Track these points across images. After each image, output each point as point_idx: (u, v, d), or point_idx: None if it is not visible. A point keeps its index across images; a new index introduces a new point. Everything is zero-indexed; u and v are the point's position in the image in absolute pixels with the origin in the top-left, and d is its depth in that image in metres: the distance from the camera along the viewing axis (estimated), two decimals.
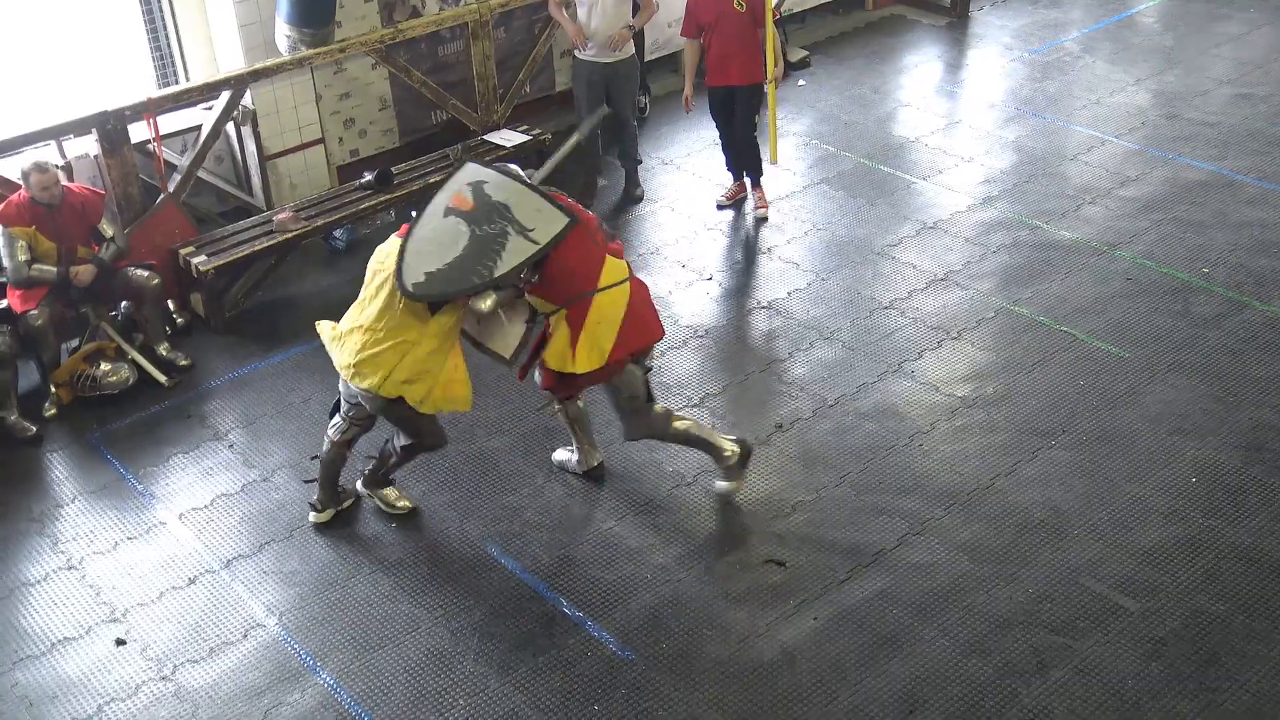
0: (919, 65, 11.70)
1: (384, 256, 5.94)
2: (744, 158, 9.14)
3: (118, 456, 7.08)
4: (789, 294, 8.26)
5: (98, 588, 6.20)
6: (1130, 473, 6.58)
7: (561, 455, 6.83)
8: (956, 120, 10.60)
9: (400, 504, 6.54)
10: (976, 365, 7.48)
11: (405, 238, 5.89)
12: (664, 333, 6.35)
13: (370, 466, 6.50)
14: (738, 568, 6.10)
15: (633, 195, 9.56)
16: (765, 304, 8.18)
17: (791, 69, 11.58)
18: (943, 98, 11.06)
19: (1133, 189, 9.35)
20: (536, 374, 6.34)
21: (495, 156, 9.21)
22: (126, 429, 7.31)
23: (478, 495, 6.64)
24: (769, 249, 8.79)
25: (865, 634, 5.71)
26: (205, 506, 6.69)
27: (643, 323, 6.14)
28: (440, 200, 6.00)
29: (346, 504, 6.59)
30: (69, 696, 5.61)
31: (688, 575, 6.09)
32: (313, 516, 6.53)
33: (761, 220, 9.11)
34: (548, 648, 5.72)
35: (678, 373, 7.53)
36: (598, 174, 9.60)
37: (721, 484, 6.53)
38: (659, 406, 6.33)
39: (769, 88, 8.86)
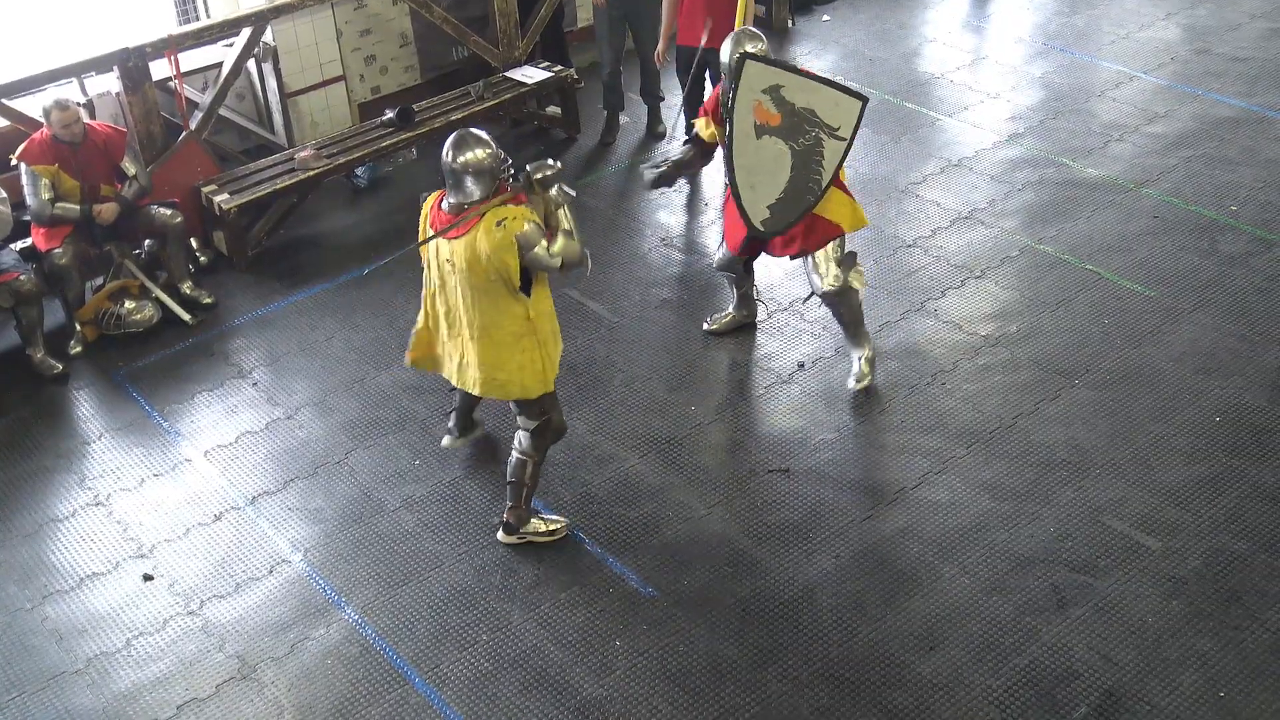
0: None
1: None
2: None
3: (143, 394, 7.13)
4: None
5: (125, 524, 6.26)
6: (1154, 412, 6.56)
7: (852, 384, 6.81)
8: (982, 56, 10.47)
9: (553, 526, 6.00)
10: (1000, 304, 7.44)
11: (731, 170, 5.56)
12: None
13: (509, 504, 5.94)
14: (759, 505, 6.12)
15: (654, 132, 9.52)
16: None
17: (816, 4, 11.46)
18: (969, 33, 10.92)
19: (1161, 125, 9.24)
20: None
21: (527, 89, 9.19)
22: (151, 366, 7.35)
23: (499, 432, 6.65)
24: None
25: (886, 572, 5.73)
26: (230, 444, 6.73)
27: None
28: (744, 117, 5.70)
29: (477, 432, 6.56)
30: (98, 630, 5.69)
31: (709, 513, 6.11)
32: (445, 440, 6.51)
33: None
34: (570, 584, 5.76)
35: (707, 309, 7.51)
36: (620, 110, 9.54)
37: (853, 382, 6.73)
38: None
39: None
